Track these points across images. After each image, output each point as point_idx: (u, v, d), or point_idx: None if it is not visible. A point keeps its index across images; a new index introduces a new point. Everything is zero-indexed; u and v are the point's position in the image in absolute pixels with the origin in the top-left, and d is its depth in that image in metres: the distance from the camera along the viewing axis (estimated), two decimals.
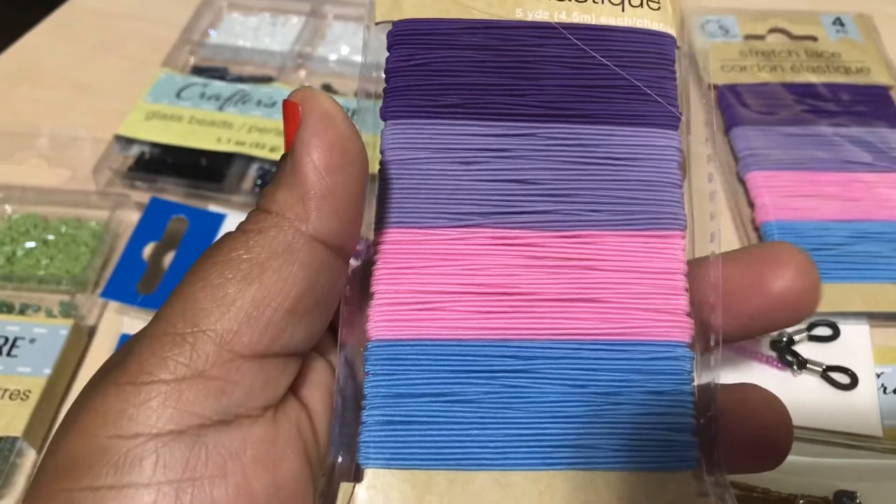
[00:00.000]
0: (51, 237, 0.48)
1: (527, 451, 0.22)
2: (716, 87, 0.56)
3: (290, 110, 0.21)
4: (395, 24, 0.26)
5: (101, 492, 0.18)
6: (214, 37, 0.60)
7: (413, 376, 0.23)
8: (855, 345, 0.42)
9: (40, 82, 0.58)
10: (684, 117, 0.26)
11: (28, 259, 0.47)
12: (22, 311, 0.44)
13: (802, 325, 0.43)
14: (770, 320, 0.25)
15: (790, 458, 0.38)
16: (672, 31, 0.26)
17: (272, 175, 0.49)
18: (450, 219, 0.24)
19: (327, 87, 0.56)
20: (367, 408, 0.23)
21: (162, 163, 0.51)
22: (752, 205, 0.48)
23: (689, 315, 0.24)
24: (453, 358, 0.23)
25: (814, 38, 0.58)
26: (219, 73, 0.56)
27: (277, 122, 0.52)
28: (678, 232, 0.24)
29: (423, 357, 0.23)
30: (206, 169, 0.50)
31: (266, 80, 0.56)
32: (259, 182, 0.50)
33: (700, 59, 0.53)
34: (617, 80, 0.25)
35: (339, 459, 0.22)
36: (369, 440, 0.22)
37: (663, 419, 0.23)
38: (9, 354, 0.41)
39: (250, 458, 0.20)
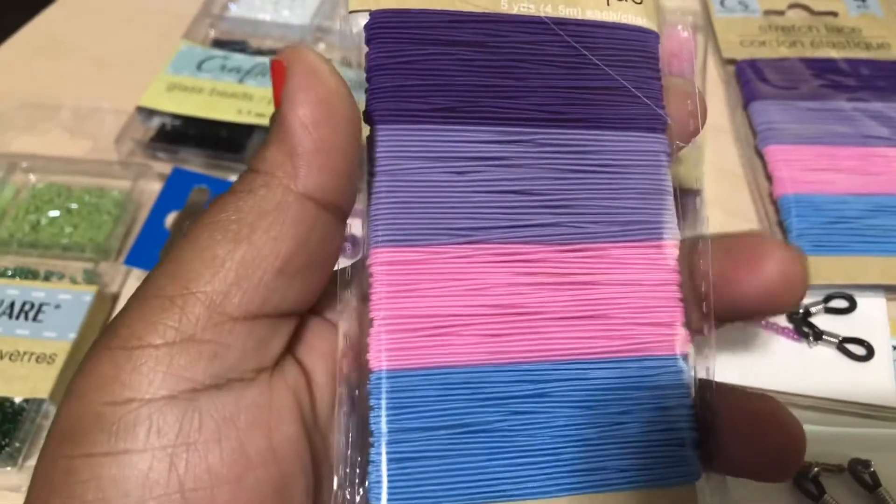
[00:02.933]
0: (74, 206, 0.48)
1: (542, 478, 0.22)
2: (735, 62, 0.56)
3: (277, 69, 0.21)
4: (372, 14, 0.23)
5: (97, 458, 0.19)
6: (234, 10, 0.60)
7: (421, 409, 0.22)
8: (871, 317, 0.42)
9: (62, 55, 0.59)
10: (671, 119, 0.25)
11: (52, 227, 0.47)
12: (47, 278, 0.45)
13: (819, 297, 0.43)
14: (751, 311, 0.24)
15: (806, 427, 0.38)
16: (654, 26, 0.25)
17: None
18: (449, 235, 0.23)
19: (346, 62, 0.56)
20: (374, 445, 0.21)
21: (183, 134, 0.51)
22: (769, 178, 0.48)
23: (684, 326, 0.24)
24: (463, 386, 0.22)
25: (834, 14, 0.58)
26: (239, 47, 0.57)
27: None
28: (671, 241, 0.24)
29: (431, 387, 0.22)
30: (227, 140, 0.51)
31: None
32: None
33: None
34: (606, 81, 0.24)
35: (347, 498, 0.21)
36: (379, 480, 0.21)
37: (667, 435, 0.23)
38: (35, 319, 0.42)
39: (244, 422, 0.20)
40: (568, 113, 0.24)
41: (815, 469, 0.36)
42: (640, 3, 0.25)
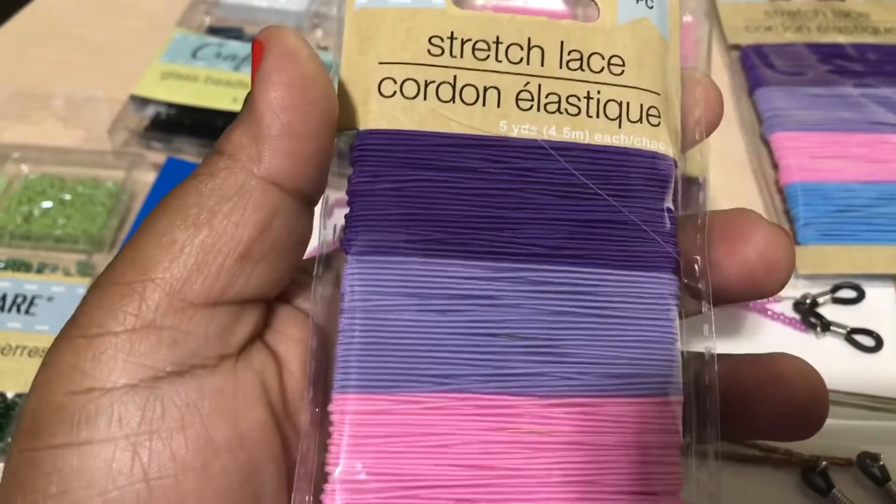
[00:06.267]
0: (67, 197, 0.48)
1: None
2: (740, 47, 0.55)
3: (255, 49, 0.20)
4: (360, 134, 0.22)
5: (59, 450, 0.18)
6: None
7: None
8: (880, 307, 0.42)
9: (56, 43, 0.58)
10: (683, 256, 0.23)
11: (45, 219, 0.47)
12: (39, 271, 0.44)
13: (827, 287, 0.42)
14: (732, 296, 0.23)
15: None
16: (670, 151, 0.23)
17: None
18: (423, 382, 0.21)
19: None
20: None
21: (178, 123, 0.51)
22: (776, 166, 0.47)
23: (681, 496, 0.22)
24: None
25: None
26: (234, 34, 0.56)
27: None
28: (675, 397, 0.22)
29: None
30: (222, 129, 0.49)
31: None
32: None
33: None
34: (610, 213, 0.22)
35: None
36: None
37: None
38: (27, 312, 0.41)
39: (209, 409, 0.19)
40: (565, 248, 0.22)
41: (824, 463, 0.35)
42: (657, 125, 0.23)
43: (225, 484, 0.19)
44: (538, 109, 0.22)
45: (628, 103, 0.23)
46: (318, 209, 0.22)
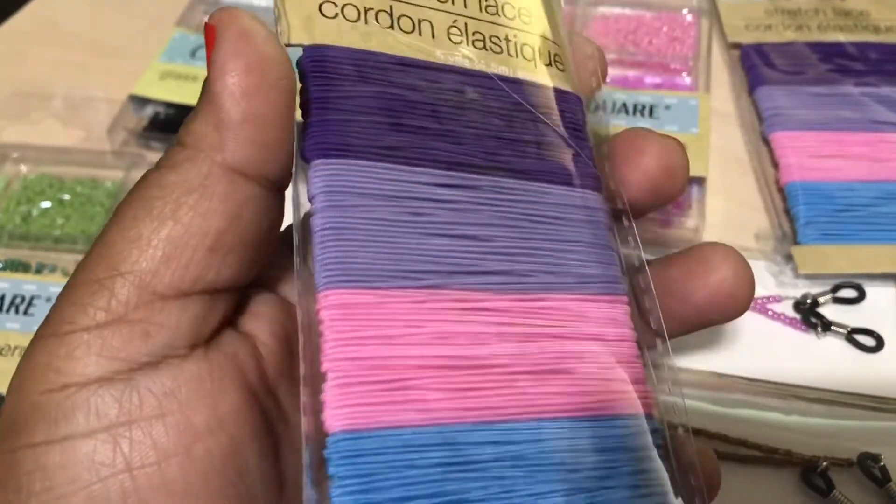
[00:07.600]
0: (66, 197, 0.47)
1: None
2: (740, 46, 0.55)
3: (208, 33, 0.20)
4: (306, 49, 0.22)
5: (39, 448, 0.18)
6: None
7: (392, 477, 0.19)
8: (880, 307, 0.42)
9: (55, 42, 0.58)
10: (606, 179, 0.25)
11: (44, 219, 0.46)
12: (38, 271, 0.44)
13: (827, 287, 0.42)
14: (640, 207, 0.26)
15: (814, 420, 0.37)
16: (579, 93, 0.26)
17: None
18: (404, 279, 0.21)
19: None
20: None
21: (177, 123, 0.50)
22: (776, 165, 0.47)
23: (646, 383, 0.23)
24: (438, 448, 0.19)
25: None
26: None
27: None
28: (624, 297, 0.23)
29: (402, 450, 0.19)
30: None
31: None
32: None
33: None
34: (542, 137, 0.24)
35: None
36: None
37: (650, 501, 0.21)
38: (25, 313, 0.41)
39: (186, 394, 0.20)
40: (510, 163, 0.23)
41: (824, 463, 0.35)
42: (563, 70, 0.25)
43: (209, 466, 0.19)
44: (468, 44, 0.24)
45: (539, 48, 0.25)
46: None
